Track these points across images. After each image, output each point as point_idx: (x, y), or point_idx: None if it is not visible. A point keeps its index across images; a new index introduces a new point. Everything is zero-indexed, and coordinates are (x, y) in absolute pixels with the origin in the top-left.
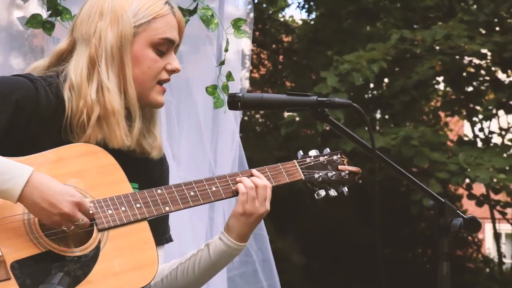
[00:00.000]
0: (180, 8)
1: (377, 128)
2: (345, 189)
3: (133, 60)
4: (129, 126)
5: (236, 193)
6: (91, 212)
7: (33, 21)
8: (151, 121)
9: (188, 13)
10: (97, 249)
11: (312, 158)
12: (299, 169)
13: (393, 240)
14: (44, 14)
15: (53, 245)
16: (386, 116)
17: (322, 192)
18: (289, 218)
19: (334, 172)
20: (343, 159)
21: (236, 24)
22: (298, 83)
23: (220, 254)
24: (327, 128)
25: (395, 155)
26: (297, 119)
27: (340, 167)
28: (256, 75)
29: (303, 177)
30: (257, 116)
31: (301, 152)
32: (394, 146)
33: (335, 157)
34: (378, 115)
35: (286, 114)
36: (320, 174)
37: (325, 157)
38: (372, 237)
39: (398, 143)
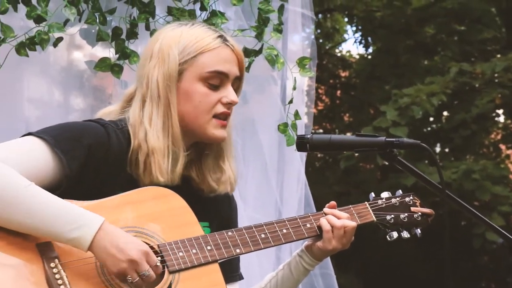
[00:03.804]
0: (246, 49)
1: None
2: (418, 230)
3: (183, 96)
4: (174, 164)
5: (308, 235)
6: (158, 264)
7: (102, 64)
8: (220, 156)
9: (254, 53)
10: None
11: (384, 200)
12: (371, 211)
13: (456, 274)
14: (107, 54)
15: (125, 287)
16: (446, 150)
17: (395, 234)
18: (350, 254)
19: (406, 214)
20: (416, 201)
21: (302, 62)
22: (356, 118)
23: (301, 271)
24: (386, 162)
25: (457, 189)
26: (356, 153)
27: (412, 208)
28: (314, 110)
29: (375, 219)
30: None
31: (373, 194)
32: (455, 180)
33: (407, 199)
34: (438, 149)
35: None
36: (392, 215)
37: (397, 199)
38: (433, 272)
39: (459, 177)
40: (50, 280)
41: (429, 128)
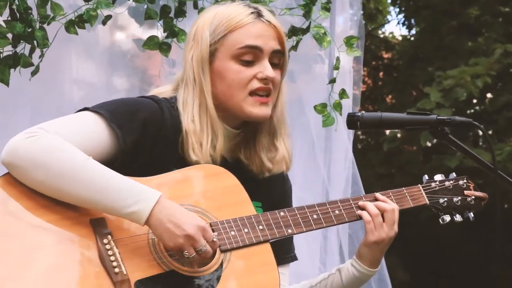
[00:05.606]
0: (293, 28)
1: (480, 144)
2: (471, 214)
3: (217, 76)
4: (215, 144)
5: (359, 217)
6: (214, 240)
7: (150, 43)
8: (274, 134)
9: (301, 32)
10: (219, 270)
11: (437, 182)
12: (424, 193)
13: (500, 258)
14: (152, 33)
15: (176, 265)
16: (490, 132)
17: (447, 217)
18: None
19: (459, 197)
20: (469, 184)
21: (349, 41)
22: (398, 100)
23: (352, 280)
24: (429, 144)
25: (501, 170)
26: (399, 135)
27: (466, 192)
28: (356, 91)
29: (428, 202)
30: (358, 133)
31: (426, 177)
32: (500, 162)
33: (461, 182)
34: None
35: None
36: (445, 199)
37: (451, 182)
38: (477, 254)
39: (504, 159)
40: (103, 255)
41: (472, 110)
